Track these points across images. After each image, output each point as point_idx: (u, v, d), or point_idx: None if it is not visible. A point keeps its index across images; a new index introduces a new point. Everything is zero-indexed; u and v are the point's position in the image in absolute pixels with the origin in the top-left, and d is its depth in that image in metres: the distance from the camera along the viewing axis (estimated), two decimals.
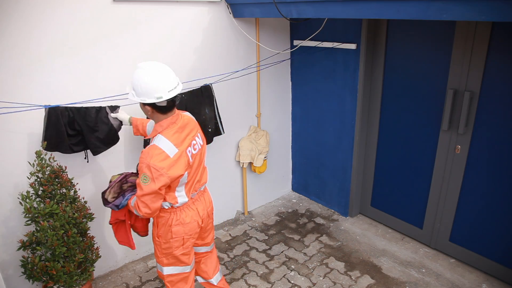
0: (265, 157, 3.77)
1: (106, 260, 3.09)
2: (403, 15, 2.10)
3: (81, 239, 2.48)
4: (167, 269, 2.24)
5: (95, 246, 2.68)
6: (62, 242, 2.32)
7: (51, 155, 2.47)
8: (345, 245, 3.45)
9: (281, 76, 3.92)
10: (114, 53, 2.73)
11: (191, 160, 2.04)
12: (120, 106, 2.65)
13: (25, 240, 2.38)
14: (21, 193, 2.33)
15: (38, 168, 2.36)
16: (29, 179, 2.41)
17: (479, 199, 2.92)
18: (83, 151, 2.67)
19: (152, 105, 1.94)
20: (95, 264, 2.63)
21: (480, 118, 2.77)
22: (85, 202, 2.64)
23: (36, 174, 2.37)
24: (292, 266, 3.19)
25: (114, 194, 2.16)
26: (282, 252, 3.38)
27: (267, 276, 3.09)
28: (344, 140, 3.66)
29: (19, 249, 2.39)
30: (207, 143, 3.19)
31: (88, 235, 2.61)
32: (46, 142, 2.41)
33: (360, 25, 3.17)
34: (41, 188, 2.37)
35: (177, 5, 2.94)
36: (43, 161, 2.37)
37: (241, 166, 3.80)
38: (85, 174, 2.81)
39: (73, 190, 2.53)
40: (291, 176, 4.46)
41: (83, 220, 2.52)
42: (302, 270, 3.14)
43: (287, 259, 3.28)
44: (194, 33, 3.11)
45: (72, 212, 2.41)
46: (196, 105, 3.05)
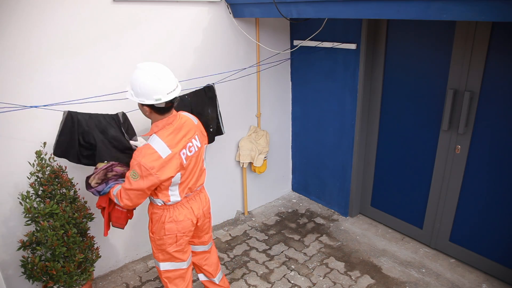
0: (265, 157, 3.77)
1: (106, 260, 3.10)
2: (403, 15, 2.10)
3: (81, 239, 2.48)
4: (163, 265, 2.26)
5: (95, 246, 2.68)
6: (62, 242, 2.32)
7: (51, 155, 2.47)
8: (345, 245, 3.45)
9: (281, 76, 3.92)
10: (114, 53, 2.73)
11: (185, 162, 2.04)
12: (137, 136, 2.60)
13: (25, 240, 2.38)
14: (21, 193, 2.33)
15: (38, 168, 2.36)
16: (29, 179, 2.41)
17: (479, 199, 2.92)
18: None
19: (150, 106, 1.95)
20: (95, 264, 2.63)
21: (480, 118, 2.77)
22: (85, 202, 2.64)
23: (36, 174, 2.37)
24: (292, 266, 3.19)
25: (98, 180, 2.21)
26: (282, 252, 3.38)
27: (267, 276, 3.09)
28: (344, 140, 3.66)
29: (19, 249, 2.39)
30: (209, 143, 3.19)
31: (88, 235, 2.61)
32: (55, 146, 2.42)
33: (360, 25, 3.18)
34: (41, 188, 2.37)
35: (177, 5, 2.94)
36: (43, 161, 2.37)
37: (241, 166, 3.80)
38: (85, 174, 2.79)
39: (73, 190, 2.53)
40: (291, 176, 4.46)
41: (83, 220, 2.53)
42: (302, 270, 3.14)
43: (287, 259, 3.28)
44: (194, 33, 3.11)
45: (72, 212, 2.41)
46: (200, 106, 3.06)
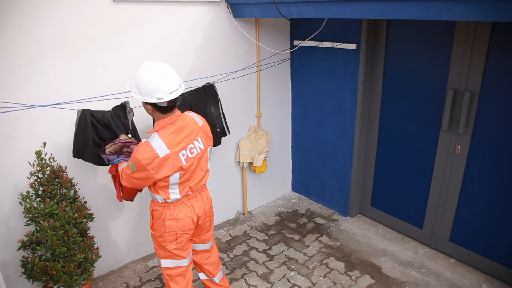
0: (265, 157, 3.77)
1: (106, 260, 3.10)
2: (403, 15, 2.10)
3: (81, 239, 2.48)
4: (164, 262, 2.28)
5: (95, 246, 2.68)
6: (62, 242, 2.32)
7: (51, 155, 2.47)
8: (345, 245, 3.45)
9: (281, 76, 3.92)
10: (114, 53, 2.73)
11: (185, 163, 2.05)
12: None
13: (25, 240, 2.38)
14: (21, 193, 2.34)
15: (38, 168, 2.36)
16: (29, 179, 2.41)
17: (479, 199, 2.92)
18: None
19: (153, 105, 1.98)
20: (95, 264, 2.63)
21: (480, 118, 2.77)
22: (85, 202, 2.64)
23: (36, 174, 2.37)
24: (292, 266, 3.20)
25: (112, 150, 2.29)
26: (282, 252, 3.38)
27: (267, 276, 3.09)
28: (344, 140, 3.66)
29: (19, 249, 2.39)
30: (216, 145, 3.18)
31: (88, 235, 2.61)
32: (73, 147, 2.48)
33: (360, 25, 3.17)
34: (41, 188, 2.37)
35: (177, 5, 2.94)
36: (43, 161, 2.37)
37: (241, 166, 3.80)
38: (85, 174, 2.81)
39: (73, 190, 2.53)
40: (291, 176, 4.46)
41: (83, 220, 2.53)
42: (302, 270, 3.14)
43: (287, 259, 3.28)
44: (194, 33, 3.11)
45: (72, 212, 2.41)
46: (201, 105, 3.05)
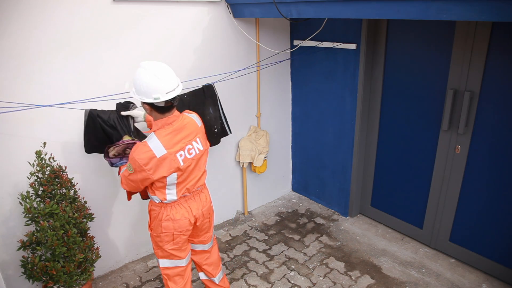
0: (265, 157, 3.77)
1: (106, 260, 3.10)
2: (403, 15, 2.10)
3: (81, 239, 2.48)
4: (163, 262, 2.29)
5: (95, 246, 2.68)
6: (62, 242, 2.32)
7: (51, 155, 2.47)
8: (345, 245, 3.45)
9: (281, 76, 3.92)
10: (114, 53, 2.73)
11: (182, 164, 2.05)
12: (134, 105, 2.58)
13: (25, 240, 2.38)
14: (21, 193, 2.34)
15: (38, 168, 2.36)
16: (29, 179, 2.41)
17: (479, 199, 2.92)
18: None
19: (151, 105, 1.98)
20: (95, 264, 2.63)
21: (480, 118, 2.77)
22: (85, 202, 2.64)
23: (36, 174, 2.37)
24: (292, 266, 3.19)
25: (116, 153, 2.29)
26: (282, 252, 3.38)
27: (267, 276, 3.09)
28: (344, 140, 3.66)
29: (19, 249, 2.39)
30: (213, 144, 3.18)
31: (88, 235, 2.61)
32: (84, 145, 2.52)
33: (360, 25, 3.17)
34: (41, 188, 2.37)
35: (177, 5, 2.94)
36: (43, 161, 2.37)
37: (241, 166, 3.80)
38: (85, 174, 2.81)
39: (73, 190, 2.53)
40: (291, 176, 4.46)
41: (83, 220, 2.53)
42: (302, 270, 3.14)
43: (287, 259, 3.28)
44: (194, 33, 3.11)
45: (72, 212, 2.41)
46: (199, 105, 3.05)
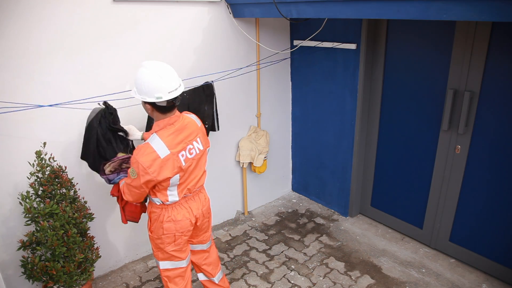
0: (265, 157, 3.77)
1: (106, 260, 3.10)
2: (403, 15, 2.10)
3: (81, 239, 2.48)
4: (163, 264, 2.28)
5: (95, 246, 2.68)
6: (62, 242, 2.32)
7: (51, 155, 2.47)
8: (345, 245, 3.45)
9: (281, 76, 3.92)
10: (114, 53, 2.73)
11: (184, 164, 2.05)
12: (129, 127, 2.51)
13: (25, 240, 2.38)
14: (21, 193, 2.34)
15: (38, 168, 2.36)
16: (29, 179, 2.41)
17: (479, 199, 2.92)
18: None
19: (152, 104, 1.97)
20: (95, 264, 2.63)
21: (480, 118, 2.77)
22: (85, 202, 2.64)
23: (36, 174, 2.37)
24: (292, 266, 3.19)
25: (112, 169, 2.24)
26: (282, 252, 3.38)
27: (267, 276, 3.09)
28: (344, 140, 3.66)
29: (19, 249, 2.39)
30: None
31: (88, 235, 2.61)
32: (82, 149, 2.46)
33: (360, 25, 3.17)
34: (41, 188, 2.37)
35: (177, 5, 2.94)
36: (43, 161, 2.37)
37: (241, 166, 3.80)
38: (85, 174, 2.81)
39: (73, 190, 2.53)
40: (291, 176, 4.46)
41: (83, 220, 2.52)
42: (302, 270, 3.14)
43: (287, 259, 3.28)
44: (194, 33, 3.11)
45: (72, 212, 2.41)
46: (197, 103, 3.05)
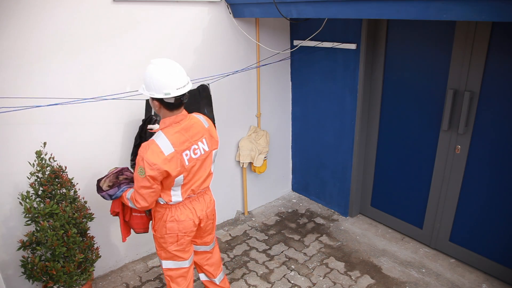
0: (265, 157, 3.77)
1: (106, 260, 3.10)
2: (403, 15, 2.10)
3: (81, 239, 2.48)
4: (166, 263, 2.28)
5: (95, 246, 2.68)
6: (62, 242, 2.32)
7: (51, 155, 2.47)
8: (345, 245, 3.45)
9: (281, 76, 3.92)
10: (114, 53, 2.73)
11: (187, 164, 2.04)
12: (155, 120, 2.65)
13: (25, 240, 2.38)
14: (21, 193, 2.34)
15: (38, 168, 2.36)
16: (29, 179, 2.41)
17: (479, 199, 2.92)
18: None
19: (160, 101, 1.98)
20: (95, 264, 2.63)
21: (480, 118, 2.77)
22: (85, 202, 2.64)
23: (36, 174, 2.37)
24: (292, 266, 3.20)
25: (109, 183, 2.21)
26: (282, 252, 3.38)
27: (267, 276, 3.09)
28: (344, 140, 3.66)
29: (19, 249, 2.39)
30: None
31: (88, 235, 2.61)
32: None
33: (360, 25, 3.17)
34: (41, 188, 2.37)
35: (177, 5, 2.94)
36: (43, 161, 2.37)
37: (241, 166, 3.80)
38: (85, 174, 2.81)
39: (73, 190, 2.53)
40: (291, 176, 4.46)
41: (83, 220, 2.52)
42: (302, 270, 3.14)
43: (287, 259, 3.28)
44: (194, 33, 3.11)
45: (72, 212, 2.41)
46: (194, 106, 3.04)
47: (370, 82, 3.40)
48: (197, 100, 3.06)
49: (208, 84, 3.12)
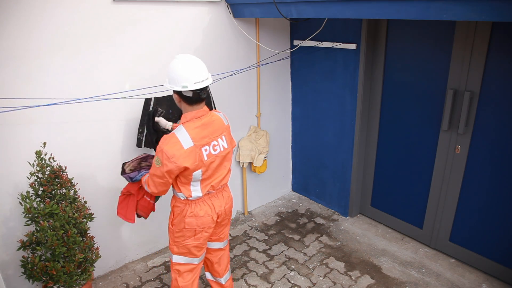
0: (265, 157, 3.77)
1: (106, 260, 3.09)
2: (403, 15, 2.10)
3: (81, 239, 2.48)
4: (176, 258, 2.32)
5: (95, 246, 2.68)
6: (62, 242, 2.32)
7: (51, 155, 2.47)
8: (345, 245, 3.45)
9: (281, 76, 3.92)
10: (114, 53, 2.72)
11: (206, 159, 2.08)
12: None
13: (25, 240, 2.38)
14: (21, 193, 2.33)
15: (38, 168, 2.36)
16: (29, 179, 2.41)
17: (479, 199, 2.92)
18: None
19: (179, 94, 2.04)
20: (95, 264, 2.63)
21: (480, 118, 2.77)
22: (85, 202, 2.64)
23: (36, 174, 2.37)
24: (292, 266, 3.20)
25: (132, 168, 2.39)
26: (282, 252, 3.38)
27: (267, 276, 3.09)
28: (344, 140, 3.66)
29: (19, 249, 2.39)
30: None
31: (88, 235, 2.61)
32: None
33: (360, 25, 3.17)
34: (41, 188, 2.37)
35: (177, 5, 2.94)
36: (43, 161, 2.37)
37: (241, 166, 3.80)
38: (85, 174, 2.81)
39: (73, 190, 2.52)
40: (291, 176, 4.46)
41: (83, 220, 2.52)
42: (302, 270, 3.14)
43: (287, 259, 3.28)
44: (194, 33, 3.11)
45: (72, 212, 2.41)
46: None
47: (370, 82, 3.40)
48: None
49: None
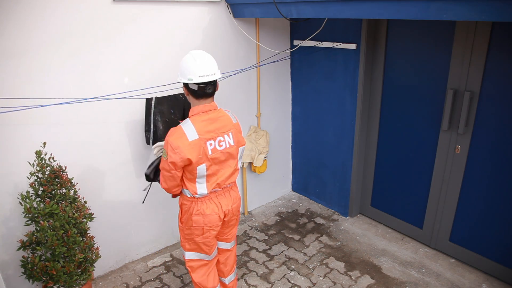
0: (265, 157, 3.77)
1: (106, 260, 3.09)
2: (403, 15, 2.10)
3: (81, 239, 2.48)
4: (189, 254, 2.34)
5: (95, 246, 2.68)
6: (62, 242, 2.32)
7: (51, 155, 2.47)
8: (345, 245, 3.45)
9: (281, 76, 3.92)
10: (114, 53, 2.72)
11: (210, 153, 2.09)
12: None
13: (25, 240, 2.38)
14: (21, 193, 2.33)
15: (38, 168, 2.36)
16: (29, 179, 2.41)
17: (479, 199, 2.92)
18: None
19: (186, 87, 2.10)
20: (95, 264, 2.63)
21: (480, 118, 2.77)
22: (85, 202, 2.64)
23: (36, 174, 2.37)
24: (292, 266, 3.20)
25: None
26: (282, 252, 3.38)
27: (267, 276, 3.09)
28: (344, 140, 3.66)
29: (19, 249, 2.39)
30: None
31: (88, 235, 2.61)
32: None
33: (360, 25, 3.18)
34: (41, 188, 2.37)
35: (177, 5, 2.94)
36: (43, 161, 2.37)
37: (241, 166, 3.80)
38: (85, 174, 2.81)
39: (73, 190, 2.52)
40: (291, 176, 4.46)
41: (83, 220, 2.52)
42: (302, 270, 3.14)
43: (287, 259, 3.28)
44: (194, 33, 3.11)
45: (72, 212, 2.41)
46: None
47: (370, 82, 3.40)
48: None
49: None
